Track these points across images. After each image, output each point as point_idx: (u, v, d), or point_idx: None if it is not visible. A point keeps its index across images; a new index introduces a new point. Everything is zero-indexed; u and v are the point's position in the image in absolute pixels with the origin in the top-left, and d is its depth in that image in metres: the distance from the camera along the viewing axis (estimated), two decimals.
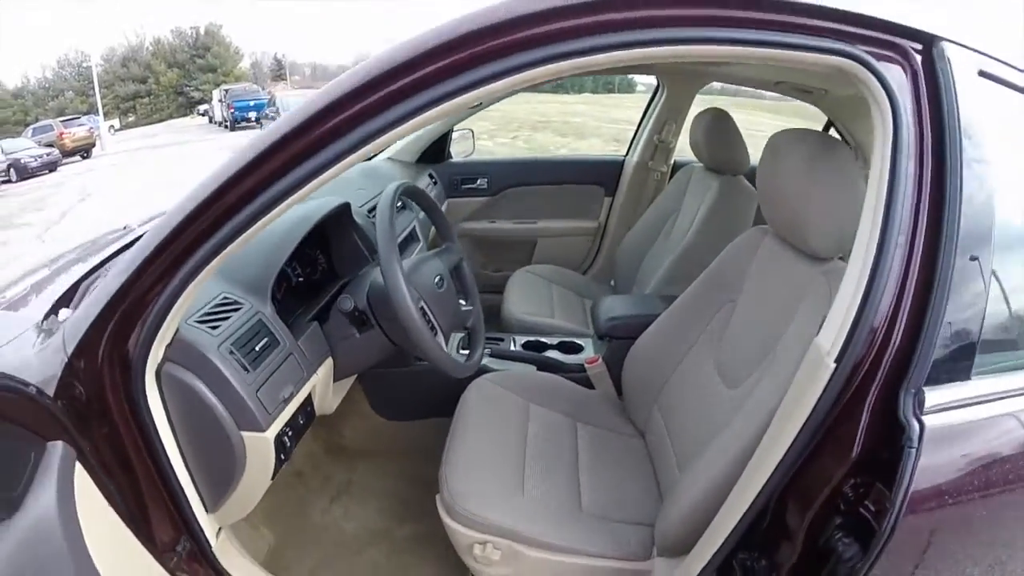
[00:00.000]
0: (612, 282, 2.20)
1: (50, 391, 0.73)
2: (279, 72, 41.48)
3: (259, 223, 0.71)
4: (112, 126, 23.54)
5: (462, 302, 1.30)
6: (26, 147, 14.32)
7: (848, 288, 0.67)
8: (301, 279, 1.30)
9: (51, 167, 13.97)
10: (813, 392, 0.67)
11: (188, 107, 32.58)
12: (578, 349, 1.63)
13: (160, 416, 0.84)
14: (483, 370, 1.50)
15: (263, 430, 0.92)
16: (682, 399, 1.20)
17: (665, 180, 2.36)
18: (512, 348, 1.62)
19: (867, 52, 0.64)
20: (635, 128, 2.47)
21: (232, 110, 19.04)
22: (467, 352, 1.29)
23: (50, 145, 15.15)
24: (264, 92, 21.87)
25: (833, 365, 0.65)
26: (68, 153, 15.62)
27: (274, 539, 1.33)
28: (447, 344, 1.16)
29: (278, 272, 1.08)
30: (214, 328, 0.92)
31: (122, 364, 0.77)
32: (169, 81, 33.92)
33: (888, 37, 0.65)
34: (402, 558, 1.32)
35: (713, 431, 0.96)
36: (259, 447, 0.93)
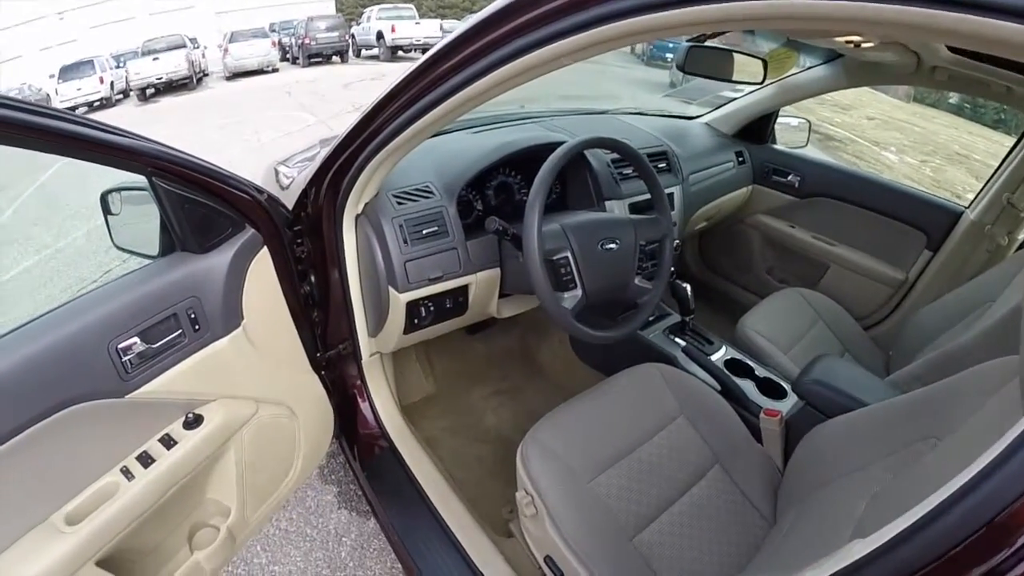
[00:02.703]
0: (891, 353, 1.70)
1: (289, 204, 1.07)
2: None
3: (410, 130, 0.86)
4: None
5: (641, 278, 1.26)
6: None
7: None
8: (525, 199, 1.45)
9: None
10: None
11: None
12: (781, 394, 1.39)
13: (351, 249, 1.13)
14: (669, 360, 1.45)
15: (399, 291, 1.14)
16: (819, 514, 0.94)
17: (1003, 255, 1.66)
18: (711, 355, 1.47)
19: None
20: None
21: (651, 46, 20.26)
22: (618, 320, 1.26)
23: None
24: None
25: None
26: None
27: (433, 391, 1.65)
28: (577, 302, 1.14)
29: (470, 180, 1.26)
30: (400, 204, 1.15)
31: (332, 204, 1.07)
32: None
33: None
34: (501, 466, 1.45)
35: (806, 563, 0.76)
36: (395, 302, 1.15)
